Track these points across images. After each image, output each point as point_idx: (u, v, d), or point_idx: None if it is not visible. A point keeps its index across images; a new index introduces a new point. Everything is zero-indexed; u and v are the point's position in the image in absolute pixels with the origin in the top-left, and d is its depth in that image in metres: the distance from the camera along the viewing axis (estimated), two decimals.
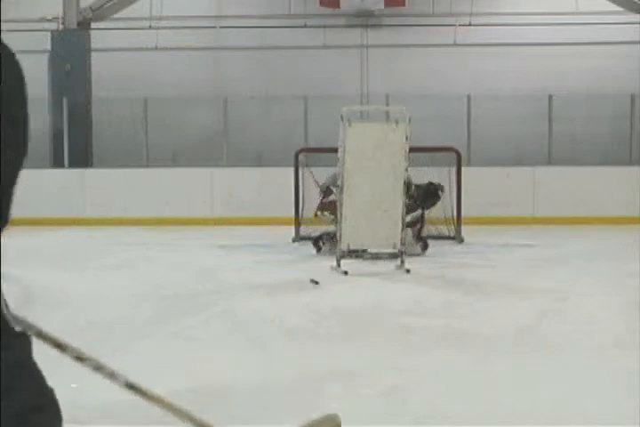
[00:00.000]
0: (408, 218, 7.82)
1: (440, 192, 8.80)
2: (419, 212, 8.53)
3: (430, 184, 8.74)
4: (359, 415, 3.19)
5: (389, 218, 7.37)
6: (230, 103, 13.63)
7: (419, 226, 8.48)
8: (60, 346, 2.20)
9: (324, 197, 8.46)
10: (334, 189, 8.21)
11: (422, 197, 8.48)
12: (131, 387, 2.30)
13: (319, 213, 8.48)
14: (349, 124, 7.13)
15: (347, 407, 3.28)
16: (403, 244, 7.41)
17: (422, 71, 14.54)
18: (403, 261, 7.32)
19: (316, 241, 8.50)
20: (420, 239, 8.52)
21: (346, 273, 7.03)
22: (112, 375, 2.25)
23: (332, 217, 8.18)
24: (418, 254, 8.27)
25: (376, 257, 7.82)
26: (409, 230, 8.06)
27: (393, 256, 7.52)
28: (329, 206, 8.28)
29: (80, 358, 2.21)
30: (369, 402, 3.36)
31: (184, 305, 5.64)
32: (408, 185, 7.51)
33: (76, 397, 3.09)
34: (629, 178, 12.14)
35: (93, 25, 14.34)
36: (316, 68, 14.74)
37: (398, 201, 7.38)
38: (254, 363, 4.04)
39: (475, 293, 6.22)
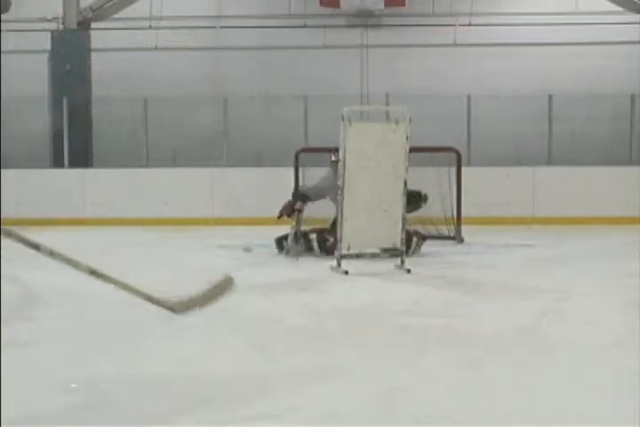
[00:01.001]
0: None
1: (423, 203, 8.49)
2: None
3: (418, 193, 8.46)
4: (359, 415, 3.20)
5: (390, 218, 7.37)
6: (230, 103, 13.63)
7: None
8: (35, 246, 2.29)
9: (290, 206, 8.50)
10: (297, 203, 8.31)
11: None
12: (93, 273, 2.39)
13: (283, 215, 8.49)
14: (350, 124, 7.12)
15: (346, 407, 3.28)
16: (403, 244, 7.41)
17: (422, 71, 14.55)
18: (403, 261, 7.32)
19: (280, 242, 8.47)
20: (416, 234, 8.45)
21: (346, 273, 7.03)
22: (77, 265, 2.33)
23: (292, 222, 8.31)
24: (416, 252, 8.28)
25: (376, 257, 7.82)
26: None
27: (393, 256, 7.53)
28: (287, 210, 8.36)
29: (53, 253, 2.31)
30: (369, 402, 3.36)
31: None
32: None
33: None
34: (629, 178, 12.14)
35: (93, 25, 14.35)
36: (316, 68, 14.75)
37: (398, 201, 7.38)
38: (254, 363, 4.04)
39: (475, 293, 6.21)
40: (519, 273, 7.31)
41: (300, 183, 9.74)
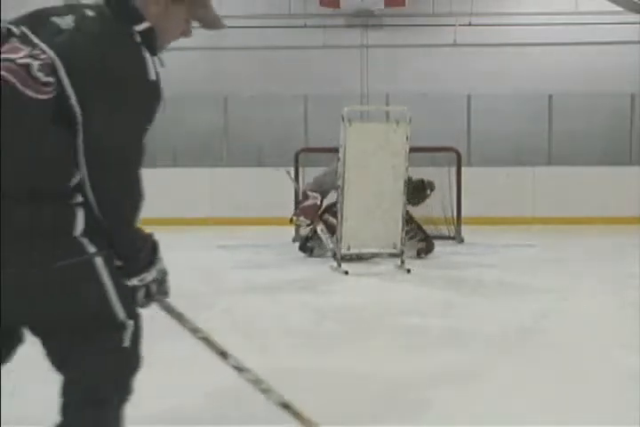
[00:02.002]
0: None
1: (428, 190, 8.48)
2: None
3: (421, 181, 8.57)
4: (359, 415, 3.20)
5: (390, 218, 7.38)
6: (230, 103, 13.63)
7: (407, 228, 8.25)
8: (223, 354, 2.34)
9: (301, 202, 8.43)
10: (310, 194, 8.22)
11: (410, 192, 8.28)
12: (284, 406, 2.42)
13: (294, 218, 8.40)
14: (350, 124, 7.12)
15: (346, 407, 3.28)
16: (403, 244, 7.41)
17: (422, 71, 14.53)
18: (403, 261, 7.33)
19: (304, 246, 8.45)
20: (425, 240, 8.39)
21: (347, 273, 7.03)
22: (267, 391, 2.38)
23: (308, 222, 8.21)
24: (420, 257, 8.22)
25: (376, 256, 7.82)
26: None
27: (393, 256, 7.53)
28: (304, 211, 8.26)
29: (239, 368, 2.36)
30: (368, 402, 3.36)
31: (184, 305, 5.62)
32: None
33: None
34: (629, 178, 12.15)
35: None
36: (316, 68, 14.73)
37: (398, 201, 7.39)
38: (254, 363, 4.03)
39: (475, 293, 6.22)
40: (519, 273, 7.31)
41: (300, 183, 9.71)
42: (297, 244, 9.19)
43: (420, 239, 8.33)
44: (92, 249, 2.02)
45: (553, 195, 12.18)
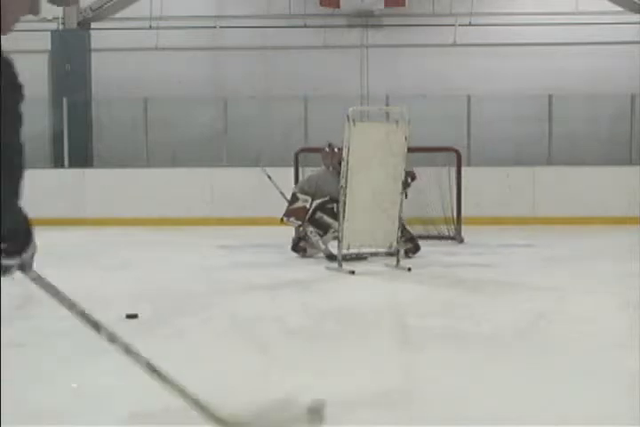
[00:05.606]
0: None
1: (409, 179, 8.07)
2: None
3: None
4: (359, 415, 3.20)
5: (388, 218, 7.38)
6: (230, 103, 13.63)
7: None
8: (96, 326, 2.33)
9: (290, 204, 8.42)
10: (301, 197, 8.22)
11: None
12: (153, 370, 2.41)
13: (285, 218, 8.38)
14: (354, 125, 7.12)
15: (347, 407, 3.28)
16: (399, 243, 7.44)
17: (422, 71, 14.54)
18: (398, 260, 7.35)
19: (296, 246, 8.42)
20: (411, 240, 8.28)
21: (353, 273, 7.00)
22: (135, 355, 2.37)
23: (299, 222, 8.20)
24: (408, 257, 8.10)
25: (374, 256, 7.81)
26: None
27: (389, 255, 7.54)
28: (295, 213, 8.25)
29: (112, 338, 2.35)
30: (369, 402, 3.36)
31: (184, 305, 5.64)
32: None
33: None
34: (629, 178, 12.15)
35: (93, 25, 14.36)
36: (316, 68, 14.74)
37: (396, 201, 7.40)
38: (254, 363, 4.04)
39: (475, 293, 6.21)
40: (519, 273, 7.31)
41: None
42: None
43: (406, 239, 8.18)
44: None
45: (553, 195, 12.19)
